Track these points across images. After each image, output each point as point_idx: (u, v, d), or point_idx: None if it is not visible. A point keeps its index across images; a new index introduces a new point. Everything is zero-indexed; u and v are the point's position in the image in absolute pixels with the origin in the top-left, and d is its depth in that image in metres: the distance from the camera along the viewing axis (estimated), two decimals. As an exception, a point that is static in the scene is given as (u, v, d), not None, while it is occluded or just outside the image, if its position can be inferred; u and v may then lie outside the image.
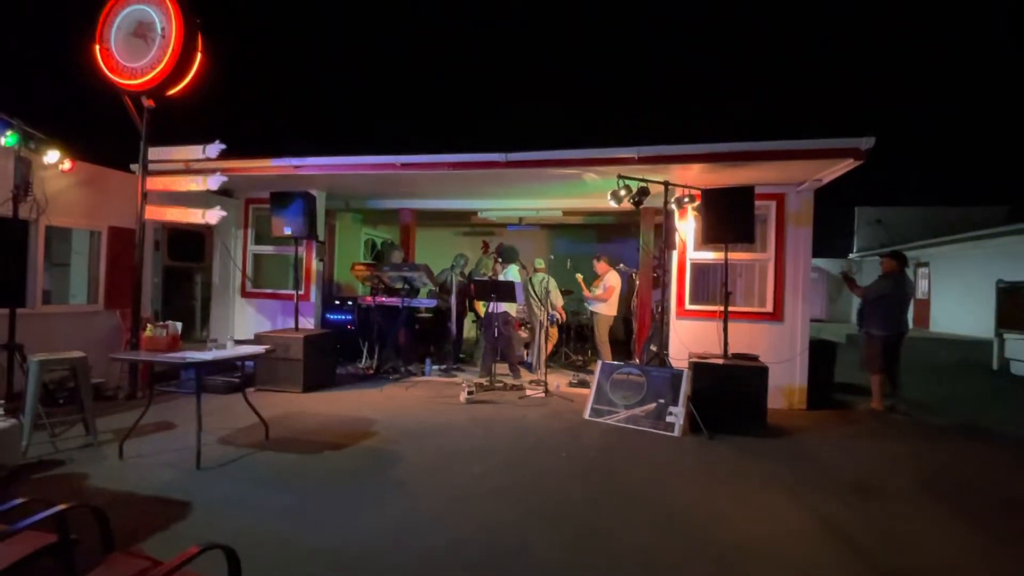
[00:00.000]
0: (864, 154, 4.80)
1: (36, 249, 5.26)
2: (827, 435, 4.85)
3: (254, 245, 7.53)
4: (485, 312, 6.89)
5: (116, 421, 4.53)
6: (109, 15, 5.47)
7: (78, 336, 5.39)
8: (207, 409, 4.17)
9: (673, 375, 5.00)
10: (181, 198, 5.87)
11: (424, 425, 4.78)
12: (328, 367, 6.50)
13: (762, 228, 6.05)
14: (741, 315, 5.93)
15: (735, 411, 4.75)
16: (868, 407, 5.83)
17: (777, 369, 5.35)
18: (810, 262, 5.98)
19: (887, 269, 5.90)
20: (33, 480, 3.31)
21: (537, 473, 3.69)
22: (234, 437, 4.25)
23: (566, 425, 4.92)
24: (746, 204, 4.98)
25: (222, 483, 3.36)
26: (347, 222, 9.79)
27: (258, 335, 6.15)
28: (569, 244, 10.90)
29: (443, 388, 6.35)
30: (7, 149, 4.41)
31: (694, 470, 3.87)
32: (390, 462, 3.81)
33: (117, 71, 5.39)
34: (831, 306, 18.78)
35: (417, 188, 7.25)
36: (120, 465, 3.61)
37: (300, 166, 6.15)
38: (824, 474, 3.81)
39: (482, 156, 5.70)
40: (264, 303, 7.40)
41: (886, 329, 5.73)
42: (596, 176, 5.84)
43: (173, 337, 3.93)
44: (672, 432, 4.67)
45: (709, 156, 5.23)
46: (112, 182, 5.98)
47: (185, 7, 5.31)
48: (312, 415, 5.04)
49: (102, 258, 5.92)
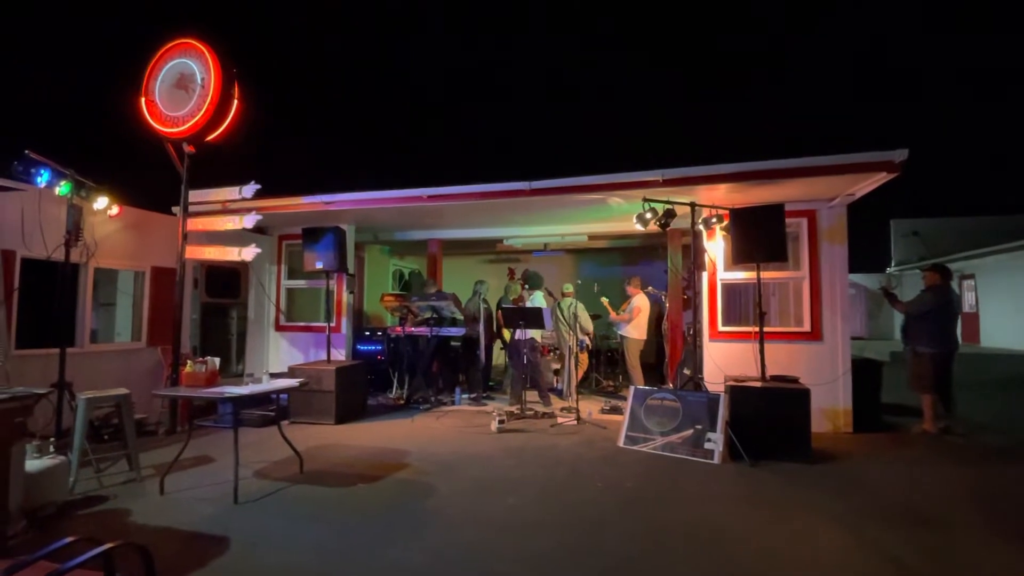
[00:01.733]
0: (898, 167, 4.67)
1: (85, 291, 5.52)
2: (878, 460, 4.60)
3: (287, 280, 7.74)
4: (511, 339, 6.87)
5: (157, 456, 4.63)
6: (154, 69, 5.84)
7: (122, 373, 5.59)
8: (243, 443, 4.22)
9: (710, 399, 4.85)
10: (218, 237, 6.10)
11: (456, 455, 4.74)
12: (360, 398, 6.55)
13: (794, 245, 5.91)
14: (777, 335, 5.75)
15: (777, 436, 4.57)
16: (920, 429, 5.52)
17: (819, 391, 5.13)
18: (847, 278, 5.79)
19: (930, 283, 5.66)
20: (79, 516, 3.39)
21: (572, 504, 3.60)
22: (270, 470, 4.29)
23: (600, 453, 4.80)
24: (776, 222, 4.88)
25: (259, 517, 3.37)
26: (375, 254, 10.00)
27: (292, 368, 6.26)
28: (595, 268, 10.85)
29: (473, 417, 6.30)
30: (61, 198, 4.68)
31: (738, 500, 3.70)
32: (423, 494, 3.77)
33: (161, 120, 5.72)
34: (871, 323, 18.07)
35: (443, 219, 7.38)
36: (161, 500, 3.67)
37: (330, 202, 6.34)
38: (879, 503, 3.60)
39: (506, 185, 5.78)
40: (297, 336, 7.55)
41: (934, 346, 5.46)
42: (621, 200, 5.85)
43: (212, 372, 4.03)
44: (711, 459, 4.51)
45: (736, 176, 5.18)
46: (155, 224, 6.27)
47: (223, 59, 5.64)
48: (345, 447, 5.05)
49: (145, 297, 6.16)
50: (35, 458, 3.39)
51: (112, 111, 14.57)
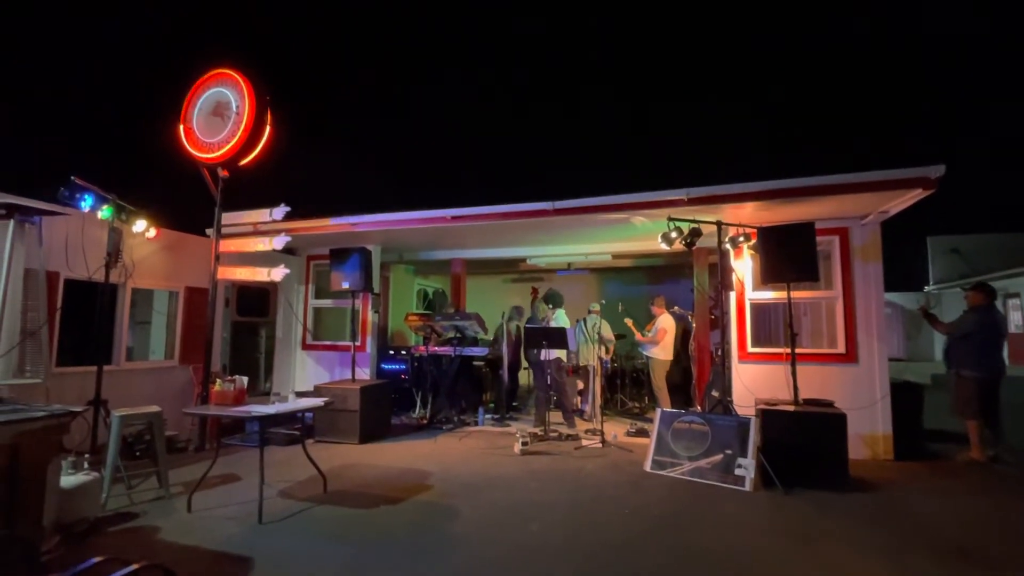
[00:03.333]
0: (934, 183, 4.53)
1: (123, 310, 5.72)
2: (921, 490, 4.36)
3: (314, 299, 7.88)
4: (536, 359, 6.82)
5: (186, 473, 4.70)
6: (193, 98, 6.11)
7: (155, 390, 5.73)
8: (269, 461, 4.26)
9: (740, 423, 4.70)
10: (249, 258, 6.27)
11: (479, 477, 4.68)
12: (383, 417, 6.56)
13: (825, 264, 5.75)
14: (810, 357, 5.57)
15: (812, 463, 4.37)
16: (966, 457, 5.23)
17: (856, 415, 4.92)
18: (883, 298, 5.59)
19: (973, 303, 5.41)
20: (110, 533, 3.45)
21: (598, 530, 3.50)
22: (294, 490, 4.31)
23: (626, 478, 4.68)
24: (807, 241, 4.76)
25: (283, 537, 3.38)
26: (400, 273, 10.12)
27: (317, 387, 6.33)
28: (620, 287, 10.75)
29: (497, 438, 6.24)
30: (102, 221, 4.88)
31: (772, 530, 3.54)
32: (446, 517, 3.72)
33: (197, 146, 5.96)
34: (910, 344, 17.38)
35: (467, 239, 7.43)
36: (188, 518, 3.71)
37: (357, 223, 6.47)
38: (922, 535, 3.40)
39: (530, 205, 5.80)
40: (323, 355, 7.65)
41: (980, 369, 5.19)
42: (645, 219, 5.80)
43: (240, 391, 4.09)
44: (743, 486, 4.34)
45: (763, 194, 5.09)
46: (189, 246, 6.48)
47: (257, 87, 5.87)
48: (368, 467, 5.05)
49: (179, 316, 6.34)
50: (70, 474, 3.48)
51: (150, 137, 15.31)
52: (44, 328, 4.59)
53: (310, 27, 36.34)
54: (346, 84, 35.79)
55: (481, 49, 40.40)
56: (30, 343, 4.47)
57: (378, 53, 39.58)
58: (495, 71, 40.24)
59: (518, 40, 40.43)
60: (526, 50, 40.31)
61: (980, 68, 35.62)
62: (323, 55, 35.57)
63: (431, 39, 40.11)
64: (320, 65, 34.11)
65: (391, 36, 39.22)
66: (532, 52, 41.58)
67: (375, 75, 38.70)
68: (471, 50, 38.99)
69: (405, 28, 38.89)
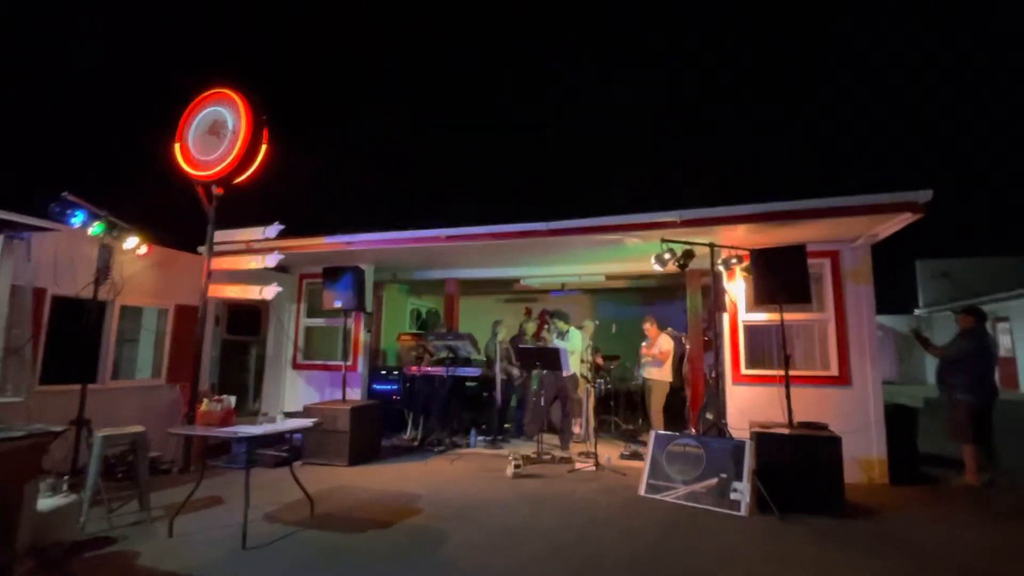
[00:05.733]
0: (922, 208, 4.59)
1: (110, 328, 5.63)
2: (918, 515, 4.31)
3: (306, 318, 7.81)
4: (539, 377, 6.75)
5: (169, 496, 4.57)
6: (189, 117, 6.14)
7: (140, 410, 5.61)
8: (256, 483, 4.16)
9: (735, 447, 4.65)
10: (240, 275, 6.22)
11: (470, 501, 4.59)
12: (374, 439, 6.45)
13: (818, 286, 5.78)
14: (804, 379, 5.54)
15: (807, 487, 4.32)
16: (962, 482, 5.19)
17: (850, 438, 4.88)
18: (874, 321, 5.62)
19: (965, 326, 5.44)
20: (87, 558, 3.33)
21: (591, 556, 3.42)
22: (280, 514, 4.20)
23: (620, 502, 4.60)
24: (798, 263, 4.80)
25: (267, 563, 3.27)
26: (394, 293, 10.08)
27: (307, 407, 6.22)
28: (613, 308, 10.75)
29: (488, 461, 6.14)
30: (92, 237, 4.83)
31: (769, 558, 3.48)
32: (436, 542, 3.63)
33: (193, 164, 5.96)
34: (901, 367, 17.44)
35: (461, 259, 7.43)
36: (169, 543, 3.59)
37: (351, 242, 6.46)
38: (921, 562, 3.35)
39: (524, 226, 5.83)
40: (313, 374, 7.55)
41: (973, 393, 5.19)
42: (639, 240, 5.83)
43: (227, 411, 4.01)
44: (738, 511, 4.28)
45: (755, 216, 5.14)
46: (180, 263, 6.43)
47: (254, 107, 5.90)
48: (358, 490, 4.94)
49: (168, 334, 6.26)
50: (48, 496, 3.37)
51: (144, 154, 15.38)
52: (28, 345, 4.51)
53: (305, 42, 36.88)
54: (344, 103, 36.16)
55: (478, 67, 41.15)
56: (13, 361, 4.38)
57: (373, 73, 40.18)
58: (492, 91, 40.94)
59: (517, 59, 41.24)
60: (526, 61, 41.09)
61: (967, 92, 36.65)
62: (318, 73, 36.04)
63: (425, 55, 40.88)
64: (314, 83, 34.54)
65: (388, 53, 39.87)
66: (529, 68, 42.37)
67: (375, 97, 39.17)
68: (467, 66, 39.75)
69: (401, 42, 39.58)
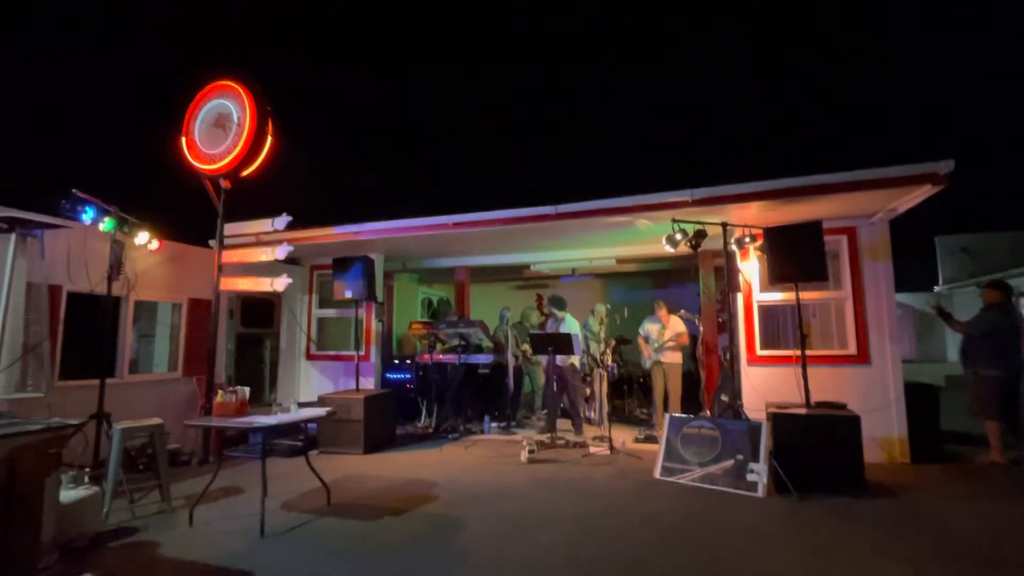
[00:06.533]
0: (944, 179, 4.44)
1: (126, 323, 5.70)
2: (942, 494, 4.23)
3: (318, 309, 7.85)
4: (550, 364, 6.73)
5: (189, 486, 4.64)
6: (194, 110, 6.14)
7: (159, 403, 5.69)
8: (272, 473, 4.21)
9: (751, 428, 4.59)
10: (252, 268, 6.25)
11: (485, 487, 4.60)
12: (388, 427, 6.49)
13: (834, 264, 5.65)
14: (821, 359, 5.45)
15: (826, 467, 4.26)
16: (987, 459, 5.09)
17: (870, 418, 4.79)
18: (893, 298, 5.48)
19: (990, 300, 5.29)
20: (110, 548, 3.39)
21: (609, 541, 3.40)
22: (297, 502, 4.24)
23: (635, 486, 4.58)
24: (814, 240, 4.68)
25: (285, 551, 3.31)
26: (404, 282, 10.08)
27: (321, 397, 6.27)
28: (625, 292, 10.65)
29: (503, 447, 6.15)
30: (104, 233, 4.87)
31: (788, 538, 3.44)
32: (451, 529, 3.64)
33: (199, 158, 5.97)
34: (921, 345, 17.13)
35: (470, 246, 7.39)
36: (190, 533, 3.65)
37: (359, 232, 6.44)
38: (944, 543, 3.28)
39: (532, 210, 5.76)
40: (327, 365, 7.60)
41: (1000, 368, 5.06)
42: (649, 222, 5.73)
43: (242, 402, 4.04)
44: (755, 492, 4.23)
45: (768, 193, 5.01)
46: (192, 257, 6.47)
47: (259, 98, 5.88)
48: (373, 478, 4.98)
49: (182, 328, 6.32)
50: (70, 489, 3.43)
51: (152, 149, 15.46)
52: (46, 342, 4.57)
53: (311, 31, 36.66)
54: (348, 90, 35.95)
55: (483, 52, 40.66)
56: (32, 357, 4.45)
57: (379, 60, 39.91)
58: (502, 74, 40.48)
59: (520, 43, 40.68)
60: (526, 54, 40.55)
61: (986, 65, 35.45)
62: (324, 60, 35.87)
63: (432, 42, 40.44)
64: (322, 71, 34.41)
65: (394, 40, 39.52)
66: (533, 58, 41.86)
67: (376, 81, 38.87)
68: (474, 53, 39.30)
69: (408, 30, 39.15)
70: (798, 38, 39.62)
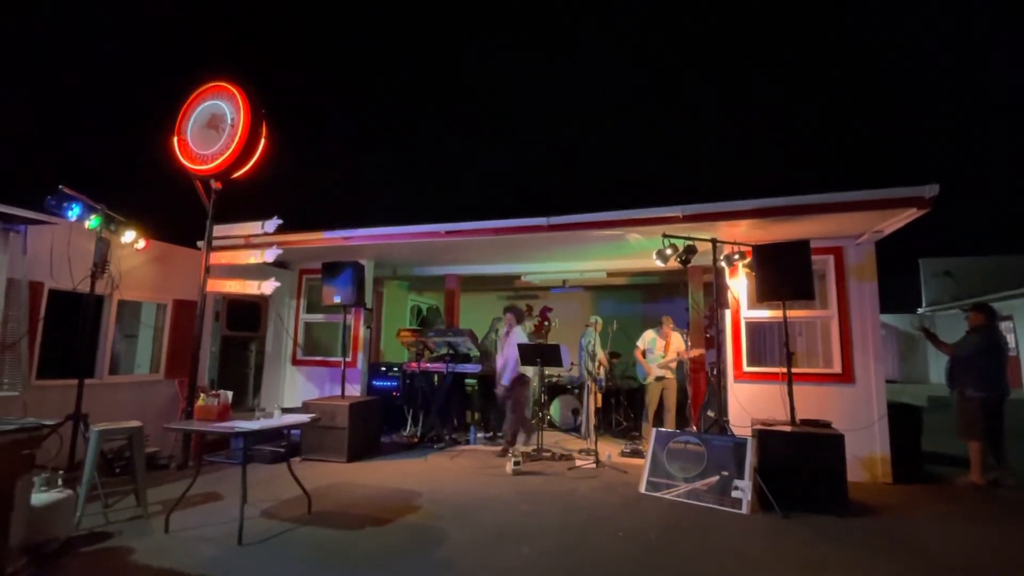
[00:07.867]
0: (928, 202, 4.53)
1: (108, 322, 5.60)
2: (923, 515, 4.26)
3: (306, 314, 7.77)
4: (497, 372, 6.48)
5: (166, 491, 4.54)
6: (188, 110, 6.08)
7: (139, 405, 5.59)
8: (253, 480, 4.13)
9: (736, 444, 4.60)
10: (239, 270, 6.18)
11: (470, 498, 4.55)
12: (373, 435, 6.41)
13: (821, 283, 5.73)
14: (806, 377, 5.50)
15: (810, 485, 4.27)
16: (967, 480, 5.14)
17: (853, 437, 4.83)
18: (878, 318, 5.55)
19: (975, 323, 5.38)
20: (81, 554, 3.30)
21: (592, 554, 3.38)
22: (278, 510, 4.16)
23: (620, 500, 4.56)
24: (802, 259, 4.74)
25: (262, 561, 3.24)
26: (394, 289, 10.04)
27: (306, 402, 6.19)
28: (615, 305, 10.70)
29: (488, 458, 6.10)
30: (90, 231, 4.80)
31: (771, 558, 3.43)
32: (435, 540, 3.59)
33: (191, 158, 5.91)
34: (904, 365, 17.37)
35: (461, 254, 7.38)
36: (165, 539, 3.56)
37: (350, 237, 6.41)
38: (928, 564, 3.29)
39: (524, 221, 5.77)
40: (313, 370, 7.52)
41: (985, 389, 5.13)
42: (640, 236, 5.77)
43: (224, 406, 3.97)
44: (740, 509, 4.23)
45: (758, 212, 5.07)
46: (179, 258, 6.39)
47: (253, 100, 5.85)
48: (356, 486, 4.90)
49: (166, 329, 6.23)
50: (42, 491, 3.34)
51: (142, 148, 15.33)
52: (24, 339, 4.48)
53: (306, 35, 36.74)
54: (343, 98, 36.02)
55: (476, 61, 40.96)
56: (9, 355, 4.35)
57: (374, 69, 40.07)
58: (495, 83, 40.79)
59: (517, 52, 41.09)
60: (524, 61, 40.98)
61: (973, 89, 36.39)
62: (319, 66, 35.94)
63: (426, 48, 40.73)
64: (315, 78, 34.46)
65: (388, 46, 39.70)
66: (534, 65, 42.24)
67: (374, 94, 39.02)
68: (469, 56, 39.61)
69: (400, 35, 39.38)
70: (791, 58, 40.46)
